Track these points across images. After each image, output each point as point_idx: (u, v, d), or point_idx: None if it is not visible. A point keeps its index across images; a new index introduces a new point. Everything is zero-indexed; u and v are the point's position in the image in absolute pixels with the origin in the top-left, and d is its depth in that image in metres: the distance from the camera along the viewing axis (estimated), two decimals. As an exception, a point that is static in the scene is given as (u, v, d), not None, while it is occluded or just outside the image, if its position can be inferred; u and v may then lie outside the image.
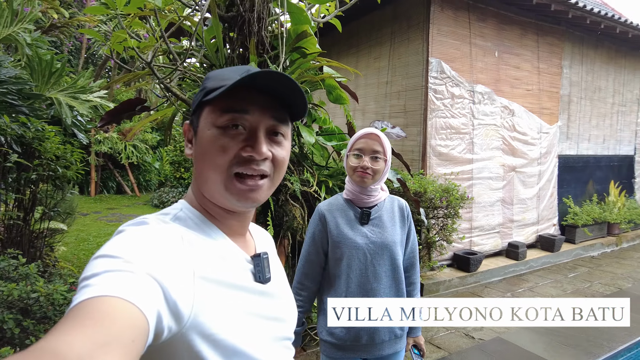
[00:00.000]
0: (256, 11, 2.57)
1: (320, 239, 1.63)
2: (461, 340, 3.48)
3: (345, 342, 1.58)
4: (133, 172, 11.00)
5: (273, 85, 0.67)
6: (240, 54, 2.89)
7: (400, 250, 1.64)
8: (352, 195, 1.64)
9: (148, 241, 0.58)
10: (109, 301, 0.45)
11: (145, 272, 0.52)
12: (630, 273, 5.56)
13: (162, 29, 2.22)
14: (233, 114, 0.66)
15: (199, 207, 0.72)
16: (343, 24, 3.47)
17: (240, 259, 0.72)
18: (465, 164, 5.36)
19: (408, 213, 1.70)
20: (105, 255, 0.53)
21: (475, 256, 5.06)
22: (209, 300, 0.60)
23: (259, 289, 0.72)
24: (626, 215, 7.27)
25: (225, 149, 0.66)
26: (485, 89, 5.47)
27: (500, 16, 5.53)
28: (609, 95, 7.52)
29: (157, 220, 0.65)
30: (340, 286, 1.60)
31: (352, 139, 1.62)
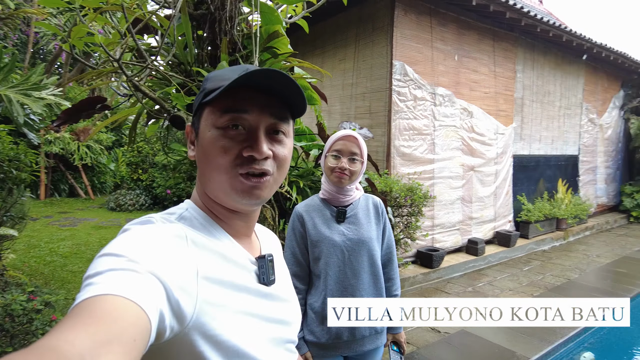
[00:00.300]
0: (227, 10, 2.53)
1: (302, 239, 1.66)
2: (428, 335, 3.59)
3: (327, 340, 1.59)
4: (87, 174, 10.47)
5: (271, 83, 0.67)
6: (209, 53, 2.84)
7: (377, 246, 1.69)
8: (329, 194, 1.67)
9: (152, 240, 0.58)
10: (111, 300, 0.45)
11: (149, 272, 0.52)
12: (577, 265, 5.95)
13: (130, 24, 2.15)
14: (232, 114, 0.66)
15: (204, 208, 0.72)
16: (309, 25, 3.49)
17: (245, 260, 0.72)
18: (427, 164, 5.53)
19: (383, 210, 1.75)
20: (109, 253, 0.53)
21: (438, 253, 5.24)
22: (212, 301, 0.60)
23: (263, 291, 0.72)
24: (572, 211, 7.77)
25: (226, 150, 0.66)
26: (445, 92, 5.67)
27: (459, 21, 5.75)
28: (557, 98, 8.01)
29: (162, 219, 0.66)
30: (319, 284, 1.63)
31: (331, 140, 1.65)
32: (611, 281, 5.24)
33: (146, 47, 2.80)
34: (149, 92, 2.23)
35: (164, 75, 2.31)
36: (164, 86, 2.78)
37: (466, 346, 3.40)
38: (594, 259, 6.34)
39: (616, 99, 9.99)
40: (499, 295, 4.62)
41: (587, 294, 4.69)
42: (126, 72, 2.08)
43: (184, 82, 2.55)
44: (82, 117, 3.04)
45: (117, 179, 11.14)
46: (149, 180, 9.01)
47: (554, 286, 4.95)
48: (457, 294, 4.68)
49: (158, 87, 2.90)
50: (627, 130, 10.40)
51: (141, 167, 9.20)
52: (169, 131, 3.19)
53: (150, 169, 9.12)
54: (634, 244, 7.45)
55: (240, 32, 2.84)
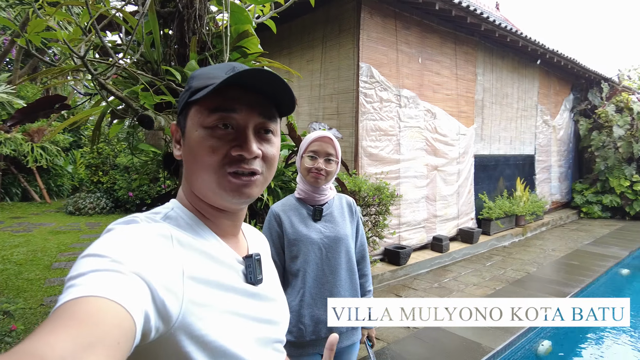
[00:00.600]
0: (197, 9, 2.50)
1: (279, 239, 1.67)
2: (398, 330, 3.67)
3: (304, 338, 1.61)
4: (42, 177, 9.97)
5: (260, 82, 0.66)
6: (176, 51, 2.80)
7: (352, 243, 1.74)
8: (305, 194, 1.70)
9: (137, 240, 0.57)
10: (94, 301, 0.45)
11: (133, 272, 0.51)
12: (535, 259, 6.26)
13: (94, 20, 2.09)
14: (221, 114, 0.65)
15: (190, 207, 0.72)
16: (276, 25, 3.49)
17: (232, 259, 0.71)
18: (393, 164, 5.65)
19: (356, 209, 1.80)
20: (92, 254, 0.52)
21: (404, 250, 5.37)
22: (198, 301, 0.59)
23: (250, 291, 0.71)
24: (530, 208, 8.15)
25: (214, 150, 0.65)
26: (410, 94, 5.82)
27: (423, 25, 5.92)
28: (514, 101, 8.39)
29: (147, 219, 0.65)
30: (296, 283, 1.64)
31: (306, 141, 1.68)
32: (566, 273, 5.54)
33: (111, 45, 2.72)
34: (116, 90, 2.17)
35: (132, 73, 2.25)
36: (130, 85, 2.71)
37: (435, 340, 3.51)
38: (550, 253, 6.69)
39: (567, 102, 10.59)
40: (464, 290, 4.79)
41: (545, 286, 4.94)
42: (91, 70, 2.02)
43: (152, 81, 2.49)
44: (40, 117, 2.91)
45: (75, 181, 10.68)
46: (110, 182, 8.69)
47: (514, 280, 5.18)
48: (424, 290, 4.81)
49: (123, 85, 2.82)
50: (577, 131, 11.04)
51: (101, 169, 8.87)
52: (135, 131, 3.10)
53: (112, 170, 8.80)
54: (584, 237, 7.92)
55: (209, 31, 2.81)
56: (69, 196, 9.74)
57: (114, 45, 2.73)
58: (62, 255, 5.62)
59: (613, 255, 6.45)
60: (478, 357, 3.21)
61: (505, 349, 3.47)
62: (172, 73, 2.36)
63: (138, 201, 8.38)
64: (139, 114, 2.32)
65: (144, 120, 2.40)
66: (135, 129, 2.95)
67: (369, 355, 1.87)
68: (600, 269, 5.67)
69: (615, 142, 10.06)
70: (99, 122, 2.91)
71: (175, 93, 2.54)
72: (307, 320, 1.61)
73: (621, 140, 9.97)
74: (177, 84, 2.41)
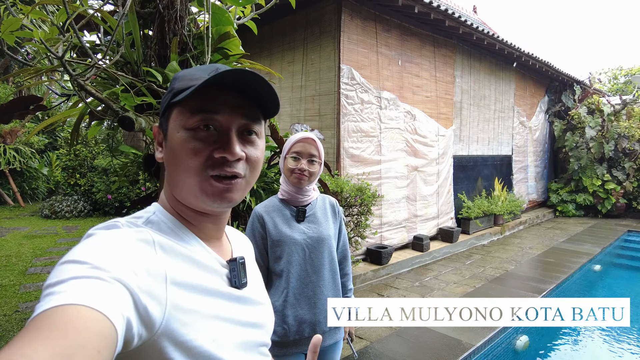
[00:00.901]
0: (178, 9, 2.49)
1: (262, 240, 1.67)
2: (380, 329, 3.72)
3: (288, 338, 1.62)
4: (15, 180, 9.69)
5: (243, 83, 0.66)
6: (157, 52, 2.78)
7: (335, 243, 1.76)
8: (288, 195, 1.71)
9: (118, 245, 0.56)
10: (73, 310, 0.43)
11: (115, 278, 0.50)
12: (513, 257, 6.42)
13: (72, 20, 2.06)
14: (203, 115, 0.64)
15: (172, 211, 0.70)
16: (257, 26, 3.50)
17: (215, 263, 0.70)
18: (375, 165, 5.71)
19: (339, 209, 1.82)
20: (71, 260, 0.50)
21: (386, 250, 5.43)
22: (182, 306, 0.58)
23: (235, 294, 0.70)
24: (507, 207, 8.34)
25: (196, 152, 0.64)
26: (390, 95, 5.89)
27: (402, 28, 6.01)
28: (492, 102, 8.58)
29: (129, 223, 0.64)
30: (280, 283, 1.66)
31: (289, 142, 1.69)
32: (542, 270, 5.70)
33: (90, 45, 2.69)
34: (95, 91, 2.14)
35: (112, 74, 2.23)
36: (109, 86, 2.67)
37: (417, 337, 3.57)
38: (527, 251, 6.86)
39: (542, 104, 10.89)
40: (445, 288, 4.87)
41: (523, 284, 5.07)
42: (70, 71, 1.99)
43: (132, 82, 2.47)
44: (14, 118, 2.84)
45: (51, 184, 10.42)
46: (88, 185, 8.51)
47: (493, 278, 5.30)
48: (406, 289, 4.88)
49: (102, 87, 2.78)
50: (552, 132, 11.36)
51: (79, 172, 8.68)
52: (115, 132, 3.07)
53: (89, 173, 8.62)
54: (559, 235, 8.15)
55: (190, 32, 2.80)
56: (44, 199, 9.50)
57: (92, 45, 2.69)
58: (38, 260, 5.48)
59: (586, 252, 6.67)
60: (459, 354, 3.27)
61: (485, 345, 3.55)
62: (153, 74, 2.34)
63: (117, 204, 8.23)
64: (119, 116, 2.30)
65: (125, 122, 2.38)
66: (115, 130, 2.91)
67: (353, 352, 1.92)
68: (574, 266, 5.85)
69: (588, 143, 10.40)
70: (77, 123, 2.86)
71: (156, 94, 2.52)
72: (290, 321, 1.62)
73: (593, 140, 10.31)
74: (158, 85, 2.40)
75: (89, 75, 2.10)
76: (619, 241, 8.06)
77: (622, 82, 22.86)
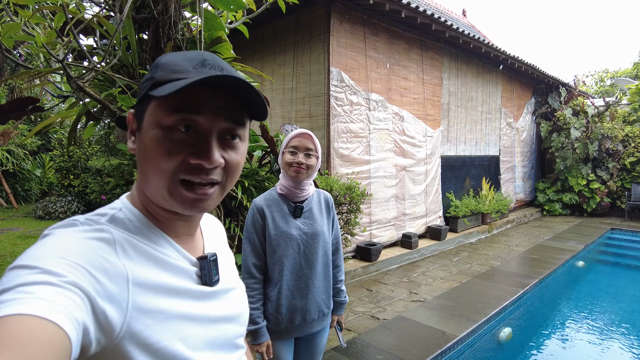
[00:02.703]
0: (172, 15, 2.62)
1: (262, 231, 1.77)
2: (368, 322, 3.86)
3: (279, 325, 1.75)
4: (8, 181, 9.71)
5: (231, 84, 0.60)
6: (152, 56, 2.90)
7: (329, 237, 1.87)
8: (287, 190, 1.78)
9: (74, 246, 0.53)
10: (20, 321, 0.41)
11: (69, 282, 0.47)
12: (499, 254, 6.60)
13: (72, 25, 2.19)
14: (183, 115, 0.59)
15: (141, 207, 0.66)
16: (248, 30, 3.64)
17: (185, 262, 0.67)
18: (364, 165, 5.87)
19: (332, 204, 1.93)
20: (20, 265, 0.47)
21: (375, 247, 5.58)
22: (146, 308, 0.56)
23: (205, 291, 0.68)
24: (495, 206, 8.53)
25: (170, 154, 0.59)
26: (379, 97, 6.06)
27: (390, 31, 6.18)
28: (479, 104, 8.78)
29: (89, 221, 0.59)
30: (275, 274, 1.77)
31: (287, 138, 1.77)
32: (527, 266, 5.88)
33: (88, 49, 2.81)
34: (94, 93, 2.26)
35: (110, 77, 2.35)
36: (105, 88, 2.79)
37: (403, 329, 3.71)
38: (513, 248, 7.05)
39: (529, 105, 11.13)
40: (432, 284, 5.03)
41: (508, 279, 5.24)
42: (70, 74, 2.11)
43: (129, 84, 2.60)
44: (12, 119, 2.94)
45: (44, 185, 10.45)
46: (82, 186, 8.58)
47: (479, 273, 5.47)
48: (394, 284, 5.03)
49: (99, 89, 2.90)
50: (538, 133, 11.61)
51: (73, 173, 8.74)
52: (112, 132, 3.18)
53: (83, 174, 8.69)
54: (545, 233, 8.37)
55: (183, 36, 2.93)
56: (38, 201, 9.53)
57: (89, 48, 2.81)
58: (33, 260, 5.54)
59: (570, 249, 6.87)
60: (443, 344, 3.42)
61: (469, 336, 3.70)
62: (149, 77, 2.46)
63: (110, 205, 8.29)
64: (116, 116, 2.43)
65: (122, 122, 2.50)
66: (111, 130, 3.03)
67: (339, 339, 2.05)
68: (558, 262, 6.04)
69: (573, 144, 10.65)
70: (75, 124, 2.98)
71: (151, 96, 2.65)
72: (284, 310, 1.74)
73: (578, 141, 10.56)
74: (153, 87, 2.52)
75: (87, 78, 2.22)
76: (603, 238, 8.29)
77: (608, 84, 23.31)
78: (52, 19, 2.97)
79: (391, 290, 4.80)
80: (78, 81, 2.15)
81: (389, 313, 4.09)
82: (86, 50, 2.79)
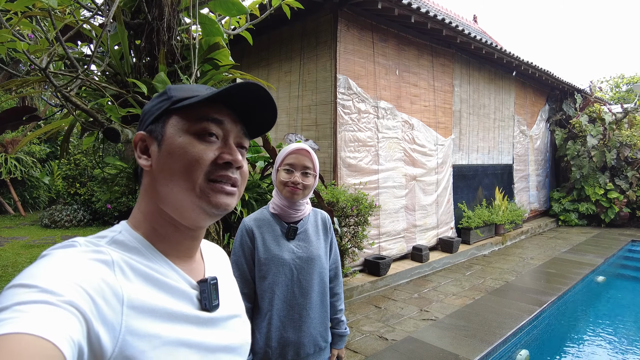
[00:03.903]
0: (166, 20, 2.49)
1: (251, 255, 1.61)
2: (376, 343, 3.65)
3: (270, 359, 1.57)
4: (17, 189, 9.73)
5: (248, 101, 0.69)
6: (147, 63, 2.77)
7: (326, 262, 1.68)
8: (280, 210, 1.63)
9: (72, 266, 0.53)
10: (17, 339, 0.41)
11: (66, 302, 0.47)
12: (514, 267, 6.33)
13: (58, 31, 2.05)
14: (209, 123, 0.66)
15: (145, 229, 0.67)
16: (253, 36, 3.50)
17: (184, 285, 0.67)
18: (372, 175, 5.67)
19: (330, 225, 1.74)
20: (19, 284, 0.48)
21: (384, 260, 5.36)
22: (141, 332, 0.55)
23: (203, 317, 0.67)
24: (509, 217, 8.26)
25: (201, 155, 0.65)
26: (387, 105, 5.87)
27: (400, 37, 6.00)
28: (491, 111, 8.54)
29: (88, 243, 0.60)
30: (264, 304, 1.58)
31: (282, 154, 1.62)
32: (544, 282, 5.60)
33: (79, 56, 2.68)
34: (81, 103, 2.12)
35: (97, 85, 2.21)
36: (99, 97, 2.66)
37: (412, 352, 3.49)
38: (528, 261, 6.77)
39: (543, 112, 10.84)
40: (444, 300, 4.80)
41: (524, 295, 4.98)
42: (54, 82, 1.97)
43: (119, 93, 2.46)
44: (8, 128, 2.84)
45: (52, 193, 10.44)
46: (88, 194, 8.52)
47: (493, 289, 5.21)
48: (404, 301, 4.81)
49: (93, 97, 2.77)
50: (553, 140, 11.29)
51: (79, 181, 8.69)
52: (105, 144, 3.05)
53: (89, 182, 8.63)
54: (562, 245, 8.05)
55: (179, 42, 2.79)
56: (45, 208, 9.51)
57: (82, 56, 2.68)
58: (34, 271, 5.45)
59: (589, 263, 6.56)
60: (455, 369, 3.20)
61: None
62: (139, 86, 2.32)
63: (117, 213, 8.22)
64: (104, 127, 2.28)
65: (110, 134, 2.36)
66: (104, 142, 2.90)
67: None
68: (577, 277, 5.75)
69: (589, 152, 10.32)
70: (67, 134, 2.84)
71: (142, 106, 2.51)
72: (274, 344, 1.55)
73: (594, 149, 10.23)
74: (143, 96, 2.38)
75: (73, 87, 2.08)
76: (623, 251, 7.94)
77: (624, 90, 22.79)
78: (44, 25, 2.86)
79: (401, 308, 4.58)
80: (62, 90, 2.01)
81: (398, 333, 3.87)
82: (77, 58, 2.66)
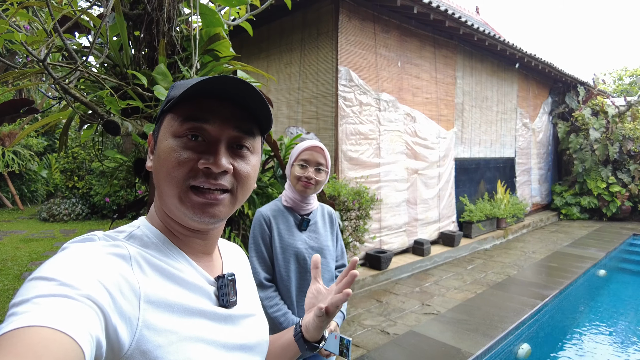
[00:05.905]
0: (165, 11, 2.42)
1: (270, 242, 1.71)
2: (378, 337, 3.62)
3: None
4: (14, 182, 9.67)
5: (235, 93, 0.63)
6: (146, 54, 2.71)
7: (334, 252, 1.81)
8: (293, 202, 1.73)
9: (90, 260, 0.52)
10: (37, 332, 0.40)
11: (84, 295, 0.47)
12: (515, 261, 6.30)
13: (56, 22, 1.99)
14: (193, 123, 0.62)
15: (160, 225, 0.67)
16: (253, 27, 3.42)
17: (201, 281, 0.66)
18: (374, 168, 5.62)
19: (335, 219, 1.86)
20: (39, 277, 0.47)
21: (386, 254, 5.33)
22: (157, 327, 0.54)
23: (221, 314, 0.66)
24: (511, 211, 8.22)
25: (181, 162, 0.61)
26: (389, 97, 5.80)
27: (402, 28, 5.91)
28: (494, 104, 8.47)
29: (107, 237, 0.60)
30: (279, 291, 1.70)
31: (297, 150, 1.70)
32: (545, 275, 5.58)
33: (77, 47, 2.61)
34: (80, 95, 2.07)
35: (96, 77, 2.15)
36: (98, 89, 2.60)
37: (415, 346, 3.47)
38: (530, 255, 6.74)
39: (545, 105, 10.76)
40: (445, 294, 4.77)
41: (525, 289, 4.95)
42: (52, 74, 1.91)
43: (119, 85, 2.40)
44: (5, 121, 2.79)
45: (50, 187, 10.39)
46: (86, 188, 8.47)
47: (495, 283, 5.19)
48: (405, 295, 4.78)
49: (92, 89, 2.71)
50: (555, 134, 11.23)
51: (77, 174, 8.63)
52: (104, 137, 2.99)
53: (87, 175, 8.58)
54: (563, 239, 8.02)
55: (179, 33, 2.73)
56: (44, 202, 9.46)
57: (80, 47, 2.62)
58: (34, 264, 5.42)
59: (590, 257, 6.54)
60: (458, 363, 3.18)
61: (485, 354, 3.45)
62: (139, 77, 2.26)
63: (115, 207, 8.18)
64: (103, 120, 2.23)
65: (109, 126, 2.30)
66: (103, 134, 2.84)
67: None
68: (579, 271, 5.73)
69: (592, 145, 10.25)
70: (66, 127, 2.79)
71: (143, 98, 2.45)
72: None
73: (597, 142, 10.17)
74: (143, 88, 2.32)
75: (72, 79, 2.02)
76: (625, 245, 7.91)
77: (627, 83, 22.67)
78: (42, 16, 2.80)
79: (402, 302, 4.55)
80: (61, 82, 1.95)
81: (400, 327, 3.84)
82: (76, 49, 2.60)
